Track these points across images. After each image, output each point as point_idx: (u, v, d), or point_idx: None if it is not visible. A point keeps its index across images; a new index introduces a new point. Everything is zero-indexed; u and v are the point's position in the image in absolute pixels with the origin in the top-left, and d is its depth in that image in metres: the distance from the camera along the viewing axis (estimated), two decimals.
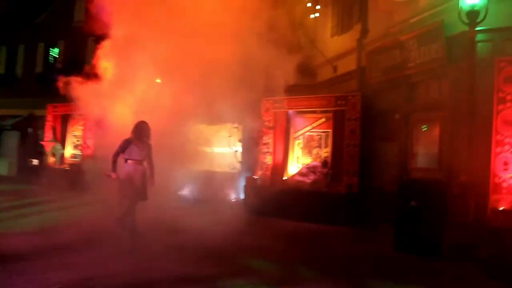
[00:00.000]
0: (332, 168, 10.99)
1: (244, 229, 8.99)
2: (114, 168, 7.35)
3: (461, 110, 8.68)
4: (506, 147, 7.36)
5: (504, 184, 7.33)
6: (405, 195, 8.16)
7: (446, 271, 7.02)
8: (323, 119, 11.48)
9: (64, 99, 13.13)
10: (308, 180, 11.04)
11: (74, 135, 15.36)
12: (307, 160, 11.58)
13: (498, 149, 7.41)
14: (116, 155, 7.44)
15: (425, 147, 9.84)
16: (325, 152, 11.36)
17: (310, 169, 11.20)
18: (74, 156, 15.20)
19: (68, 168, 14.53)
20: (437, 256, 7.60)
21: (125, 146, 7.44)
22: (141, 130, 7.52)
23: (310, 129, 11.68)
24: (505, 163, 7.35)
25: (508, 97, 7.38)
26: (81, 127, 14.88)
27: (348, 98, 10.87)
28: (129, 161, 7.42)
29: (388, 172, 10.45)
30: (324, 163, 11.10)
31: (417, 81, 9.95)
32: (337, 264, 7.19)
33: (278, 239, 8.54)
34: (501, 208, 7.12)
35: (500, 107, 7.42)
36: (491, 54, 8.18)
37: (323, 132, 11.49)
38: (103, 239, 7.42)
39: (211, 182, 11.95)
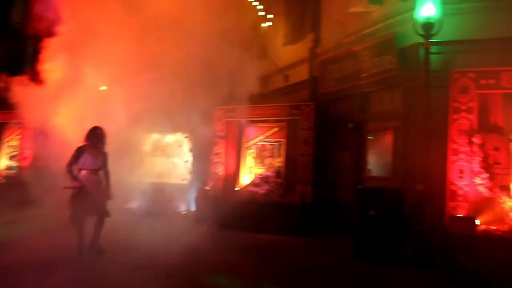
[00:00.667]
0: (286, 178, 10.85)
1: (200, 243, 8.64)
2: (73, 177, 6.85)
3: (414, 119, 8.86)
4: (462, 156, 7.51)
5: (460, 192, 7.48)
6: (363, 204, 8.16)
7: (406, 279, 7.03)
8: (276, 129, 11.35)
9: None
10: (261, 190, 10.84)
11: (10, 145, 14.36)
12: (260, 170, 11.39)
13: (454, 158, 7.55)
14: (70, 165, 6.93)
15: (379, 156, 9.95)
16: (278, 161, 11.21)
17: (263, 179, 11.01)
18: (9, 167, 14.20)
19: (4, 181, 13.54)
20: (397, 264, 7.62)
21: (78, 155, 6.95)
22: (95, 137, 7.07)
23: (263, 139, 11.51)
24: (461, 171, 7.50)
25: (463, 107, 7.56)
26: (18, 137, 13.94)
27: (302, 107, 10.80)
28: (83, 172, 6.92)
29: (342, 181, 10.49)
30: (278, 173, 10.95)
31: (370, 91, 10.08)
32: (299, 276, 7.01)
33: (236, 252, 8.23)
34: (458, 215, 7.24)
35: (455, 116, 7.59)
36: (442, 65, 8.40)
37: (276, 141, 11.35)
38: (53, 259, 6.83)
39: (161, 194, 11.50)
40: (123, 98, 10.60)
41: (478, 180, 7.36)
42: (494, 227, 7.10)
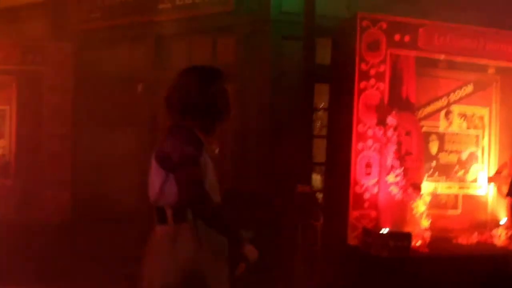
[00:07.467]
0: (20, 177, 6.26)
1: None
2: None
3: (259, 79, 5.96)
4: (369, 142, 5.16)
5: (367, 195, 5.16)
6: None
7: None
8: None
9: None
10: None
11: None
12: None
13: (360, 145, 5.13)
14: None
15: None
16: (2, 147, 6.40)
17: None
18: None
19: None
20: None
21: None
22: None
23: None
24: (368, 165, 5.17)
25: (372, 72, 5.16)
26: None
27: (48, 50, 6.46)
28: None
29: (122, 177, 6.64)
30: (4, 168, 6.20)
31: (174, 35, 6.46)
32: None
33: None
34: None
35: (363, 84, 5.13)
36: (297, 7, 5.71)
37: None
38: None
39: None
40: None
41: (391, 178, 5.19)
42: (418, 243, 5.15)
